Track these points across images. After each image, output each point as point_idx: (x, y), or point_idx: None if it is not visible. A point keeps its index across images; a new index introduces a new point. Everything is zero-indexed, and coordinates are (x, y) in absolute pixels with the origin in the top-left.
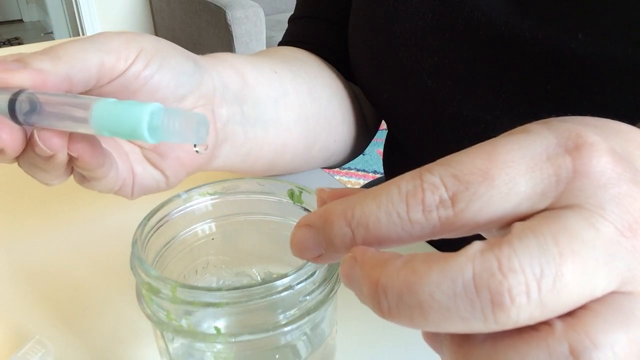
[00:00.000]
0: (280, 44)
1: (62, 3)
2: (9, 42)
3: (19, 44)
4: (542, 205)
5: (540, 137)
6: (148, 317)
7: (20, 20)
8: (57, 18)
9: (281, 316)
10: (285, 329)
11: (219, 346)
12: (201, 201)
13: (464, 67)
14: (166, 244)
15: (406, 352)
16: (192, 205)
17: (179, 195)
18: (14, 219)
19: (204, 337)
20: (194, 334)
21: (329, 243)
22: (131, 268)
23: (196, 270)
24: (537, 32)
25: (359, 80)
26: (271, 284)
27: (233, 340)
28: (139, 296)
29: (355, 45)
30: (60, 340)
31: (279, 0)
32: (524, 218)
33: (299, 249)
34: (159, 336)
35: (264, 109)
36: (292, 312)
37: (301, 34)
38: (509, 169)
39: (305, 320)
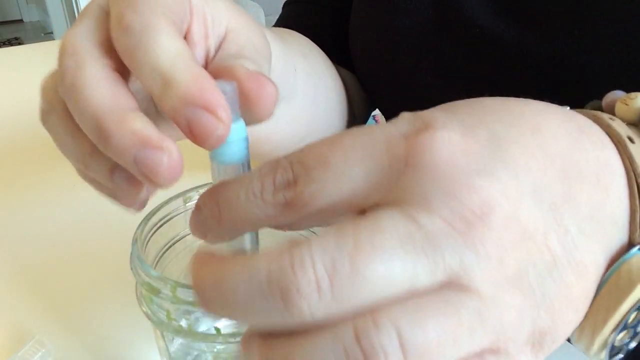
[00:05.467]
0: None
1: (62, 3)
2: (9, 42)
3: (19, 44)
4: (376, 197)
5: (389, 125)
6: (148, 317)
7: (20, 20)
8: (57, 18)
9: None
10: None
11: (219, 346)
12: None
13: (463, 65)
14: (166, 244)
15: None
16: (191, 205)
17: (178, 196)
18: (14, 219)
19: (204, 337)
20: (194, 334)
21: (203, 223)
22: (131, 268)
23: None
24: (531, 34)
25: (359, 74)
26: None
27: (233, 340)
28: (139, 296)
29: (356, 42)
30: (60, 340)
31: (279, 0)
32: (364, 210)
33: (193, 229)
34: (159, 336)
35: None
36: None
37: (297, 18)
38: (346, 155)
39: None
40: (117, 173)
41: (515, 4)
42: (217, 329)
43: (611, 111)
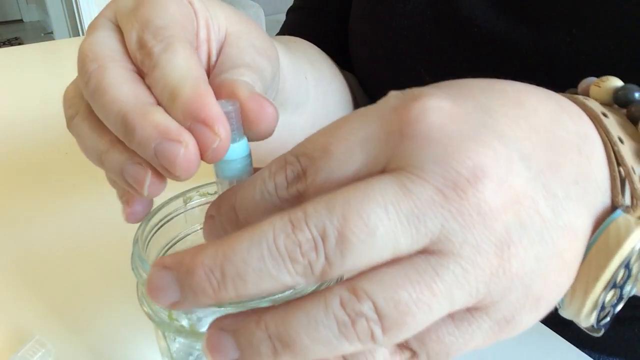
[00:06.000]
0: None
1: (62, 3)
2: (9, 42)
3: (19, 44)
4: (379, 170)
5: (381, 105)
6: (149, 317)
7: (20, 20)
8: (57, 18)
9: None
10: None
11: None
12: (201, 201)
13: (462, 64)
14: (167, 244)
15: None
16: (192, 205)
17: (178, 196)
18: (14, 219)
19: None
20: (196, 334)
21: (220, 230)
22: (132, 268)
23: None
24: (530, 33)
25: (359, 75)
26: None
27: None
28: (140, 296)
29: (355, 41)
30: (60, 340)
31: (279, 0)
32: None
33: (209, 238)
34: (161, 336)
35: (283, 112)
36: None
37: (301, 25)
38: (346, 141)
39: None
40: (126, 171)
41: (513, 4)
42: None
43: (586, 95)
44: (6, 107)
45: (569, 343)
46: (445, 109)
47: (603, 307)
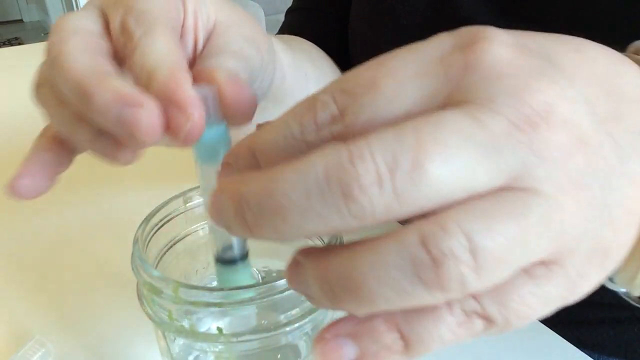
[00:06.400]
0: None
1: (62, 3)
2: (9, 42)
3: (19, 44)
4: (435, 107)
5: (437, 41)
6: (149, 317)
7: (20, 20)
8: (57, 18)
9: (282, 316)
10: (287, 328)
11: (220, 346)
12: (201, 201)
13: None
14: (167, 244)
15: None
16: (192, 205)
17: (178, 196)
18: (14, 219)
19: (206, 337)
20: (196, 334)
21: (239, 174)
22: (132, 268)
23: (197, 271)
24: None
25: None
26: (272, 283)
27: (235, 340)
28: (140, 296)
29: (355, 44)
30: (60, 340)
31: (279, 0)
32: None
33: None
34: (161, 336)
35: (283, 109)
36: (293, 312)
37: (300, 25)
38: (397, 75)
39: (306, 320)
40: (100, 139)
41: (513, 5)
42: (219, 329)
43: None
44: (6, 107)
45: (569, 343)
46: (511, 45)
47: None
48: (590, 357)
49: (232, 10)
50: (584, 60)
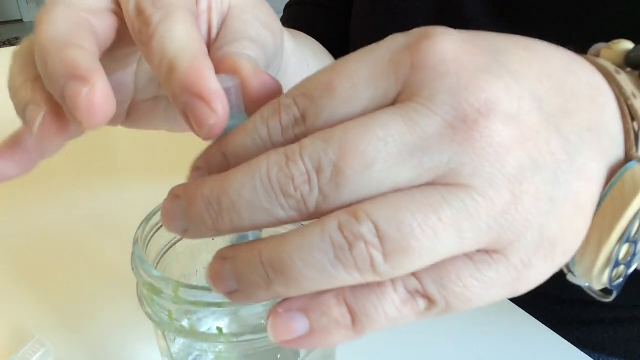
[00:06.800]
0: None
1: None
2: (9, 42)
3: (19, 44)
4: (387, 105)
5: (389, 42)
6: (149, 317)
7: (20, 20)
8: None
9: None
10: None
11: (220, 346)
12: None
13: None
14: (167, 244)
15: (407, 350)
16: None
17: None
18: (14, 219)
19: (206, 337)
20: (196, 334)
21: (211, 173)
22: (132, 268)
23: (196, 271)
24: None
25: None
26: None
27: (235, 340)
28: (140, 296)
29: (356, 43)
30: (60, 340)
31: (279, 1)
32: None
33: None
34: (161, 336)
35: None
36: None
37: (299, 20)
38: (351, 77)
39: None
40: (27, 111)
41: (514, 6)
42: (219, 329)
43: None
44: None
45: (569, 343)
46: (458, 43)
47: (617, 264)
48: (590, 357)
49: None
50: (533, 58)
